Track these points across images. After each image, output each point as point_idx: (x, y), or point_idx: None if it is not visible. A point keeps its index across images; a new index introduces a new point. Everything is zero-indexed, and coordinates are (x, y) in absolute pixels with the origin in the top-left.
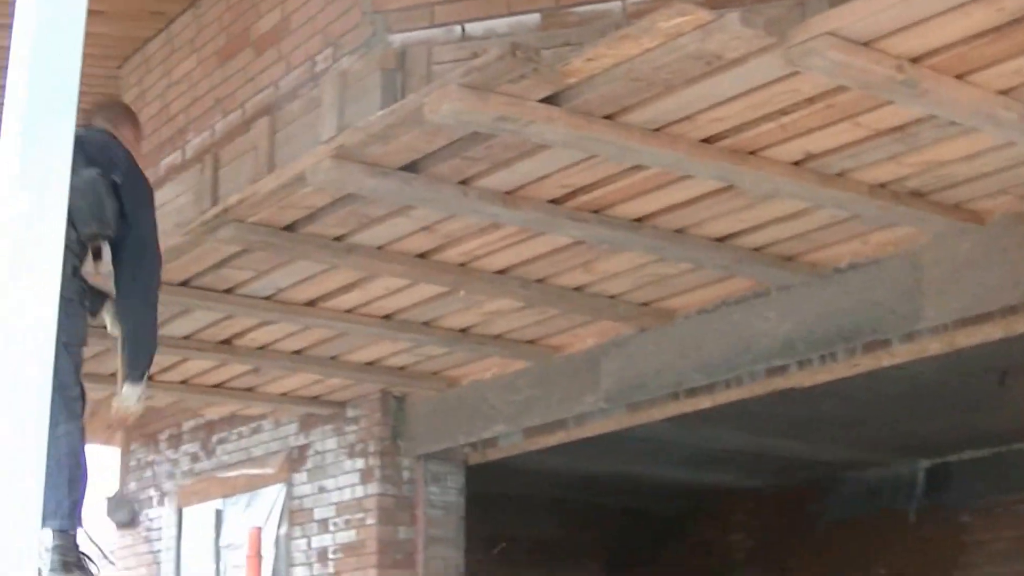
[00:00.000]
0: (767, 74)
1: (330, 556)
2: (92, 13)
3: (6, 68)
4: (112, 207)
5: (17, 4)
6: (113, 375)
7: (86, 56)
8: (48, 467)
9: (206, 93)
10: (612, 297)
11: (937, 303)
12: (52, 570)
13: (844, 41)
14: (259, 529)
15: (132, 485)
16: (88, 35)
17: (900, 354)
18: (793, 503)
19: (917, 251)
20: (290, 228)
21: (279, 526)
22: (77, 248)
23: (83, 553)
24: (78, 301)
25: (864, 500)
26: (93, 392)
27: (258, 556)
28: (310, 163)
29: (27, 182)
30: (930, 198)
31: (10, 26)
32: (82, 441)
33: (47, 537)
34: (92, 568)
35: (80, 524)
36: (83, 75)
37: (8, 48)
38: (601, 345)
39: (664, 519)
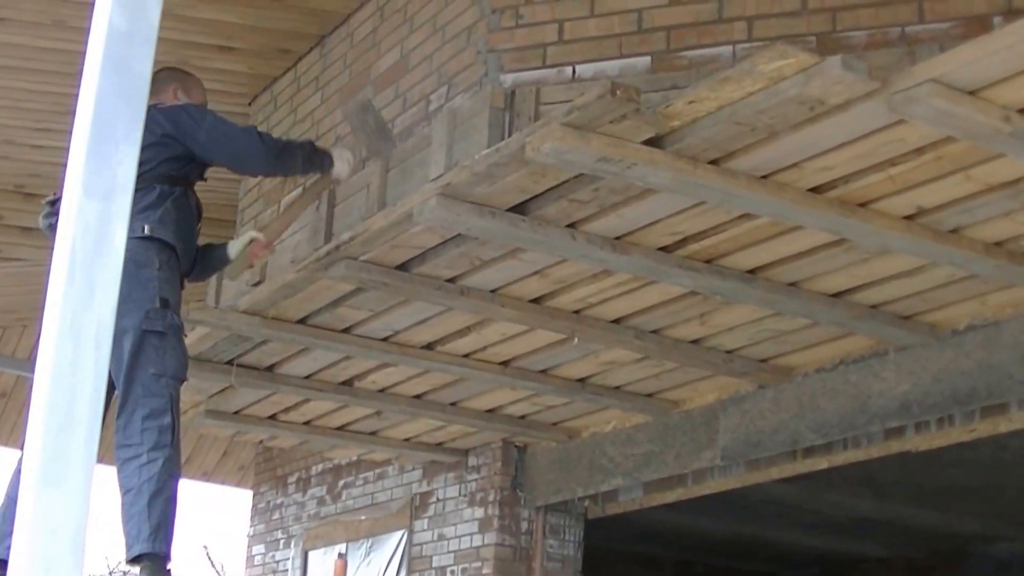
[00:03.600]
0: (872, 122)
1: None
2: (223, 50)
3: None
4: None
5: (95, 9)
6: (237, 413)
7: (217, 92)
8: (129, 495)
9: (328, 131)
10: (729, 352)
11: None
12: None
13: (948, 88)
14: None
15: (260, 527)
16: (219, 71)
17: (1018, 420)
18: (921, 574)
19: None
20: (403, 268)
21: (398, 572)
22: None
23: None
24: (173, 335)
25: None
26: (218, 430)
27: None
28: (417, 201)
29: (93, 191)
30: None
31: (85, 31)
32: (171, 470)
33: (135, 566)
34: None
35: (166, 551)
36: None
37: (82, 54)
38: (720, 401)
39: None
